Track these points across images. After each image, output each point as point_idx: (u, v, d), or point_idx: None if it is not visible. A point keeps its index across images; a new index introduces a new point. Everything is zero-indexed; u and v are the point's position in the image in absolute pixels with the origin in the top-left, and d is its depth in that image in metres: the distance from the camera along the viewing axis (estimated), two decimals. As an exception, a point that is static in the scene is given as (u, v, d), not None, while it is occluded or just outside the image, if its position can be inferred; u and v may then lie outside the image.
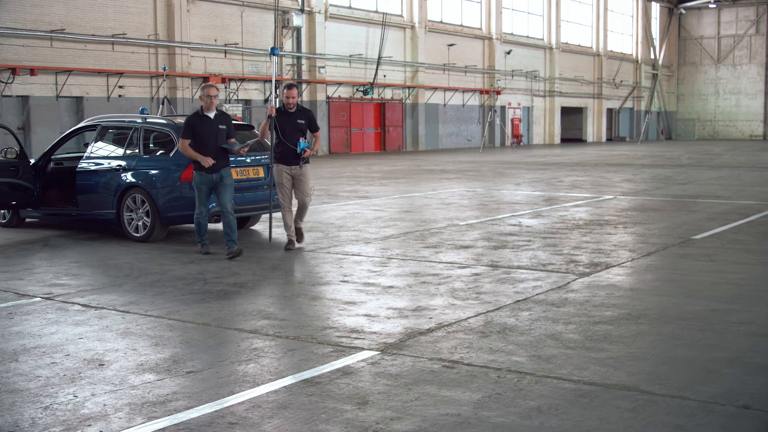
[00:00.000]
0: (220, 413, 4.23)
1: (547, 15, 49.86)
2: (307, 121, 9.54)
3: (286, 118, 9.42)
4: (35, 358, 5.24)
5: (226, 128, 9.15)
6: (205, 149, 8.94)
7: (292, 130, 9.38)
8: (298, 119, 9.45)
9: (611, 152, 36.90)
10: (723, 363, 4.99)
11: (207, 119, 9.03)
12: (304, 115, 9.57)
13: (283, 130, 9.37)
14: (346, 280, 7.70)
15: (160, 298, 6.96)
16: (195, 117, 9.09)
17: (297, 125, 9.43)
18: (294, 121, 9.43)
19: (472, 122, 44.25)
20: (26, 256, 9.33)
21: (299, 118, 9.47)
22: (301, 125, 9.47)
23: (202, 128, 8.98)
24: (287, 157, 9.42)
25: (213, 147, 8.97)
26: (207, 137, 8.96)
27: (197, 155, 8.93)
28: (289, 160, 9.44)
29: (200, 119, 9.04)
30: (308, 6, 33.42)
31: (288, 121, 9.40)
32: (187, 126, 9.04)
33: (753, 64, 62.06)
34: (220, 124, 9.09)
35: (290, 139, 9.34)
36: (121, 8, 26.73)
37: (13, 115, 24.08)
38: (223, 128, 9.11)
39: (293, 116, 9.45)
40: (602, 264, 8.38)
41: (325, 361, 5.09)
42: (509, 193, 16.78)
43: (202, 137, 8.97)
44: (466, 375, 4.80)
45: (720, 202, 14.54)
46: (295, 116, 9.45)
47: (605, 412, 4.18)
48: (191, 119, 9.10)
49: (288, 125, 9.38)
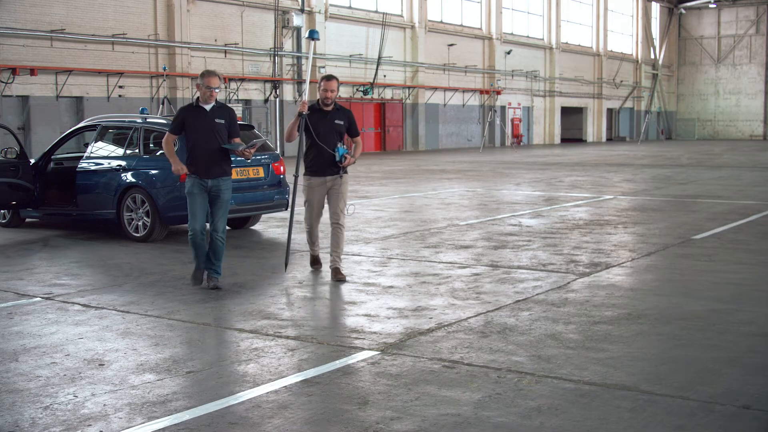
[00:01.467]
0: (220, 413, 4.23)
1: (547, 15, 49.86)
2: (346, 123, 7.84)
3: (321, 117, 7.73)
4: (35, 358, 5.24)
5: (225, 124, 7.38)
6: (197, 149, 7.28)
7: (329, 132, 7.70)
8: (336, 119, 7.76)
9: (611, 152, 36.89)
10: (723, 363, 4.99)
11: (201, 111, 7.30)
12: (343, 114, 7.85)
13: (317, 132, 7.65)
14: (347, 280, 7.69)
15: (160, 298, 6.96)
16: (187, 109, 7.44)
17: (334, 126, 7.74)
18: (331, 121, 7.73)
19: (472, 122, 44.24)
20: (26, 256, 9.33)
21: (337, 118, 7.77)
22: (339, 127, 7.78)
23: (195, 121, 7.27)
24: (323, 164, 7.72)
25: (208, 147, 7.27)
26: (200, 133, 7.25)
27: (171, 156, 7.37)
28: (324, 169, 7.74)
29: (193, 111, 7.33)
30: (308, 6, 33.43)
31: (324, 120, 7.72)
32: (176, 118, 7.43)
33: (753, 64, 62.05)
34: (217, 118, 7.32)
35: (327, 143, 7.65)
36: (121, 8, 26.73)
37: (13, 115, 24.08)
38: (222, 123, 7.34)
39: (330, 115, 7.74)
40: (602, 264, 8.38)
41: (325, 361, 5.09)
42: (509, 193, 16.78)
43: (195, 133, 7.27)
44: (466, 375, 4.80)
45: (720, 202, 14.53)
46: (332, 115, 7.76)
47: (605, 412, 4.18)
48: (182, 111, 7.44)
49: (323, 126, 7.69)
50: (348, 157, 7.72)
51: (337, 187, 7.79)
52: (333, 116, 7.77)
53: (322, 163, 7.72)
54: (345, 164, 7.71)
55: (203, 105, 7.33)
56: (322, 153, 7.67)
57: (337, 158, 7.66)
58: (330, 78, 7.79)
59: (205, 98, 7.31)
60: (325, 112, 7.76)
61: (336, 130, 7.75)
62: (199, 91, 7.37)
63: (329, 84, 7.73)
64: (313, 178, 7.78)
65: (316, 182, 7.79)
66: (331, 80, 7.77)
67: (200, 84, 7.32)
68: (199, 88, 7.36)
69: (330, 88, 7.71)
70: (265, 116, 32.06)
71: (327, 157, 7.68)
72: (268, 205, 10.78)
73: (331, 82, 7.74)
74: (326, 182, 7.79)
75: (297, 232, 10.97)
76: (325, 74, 7.97)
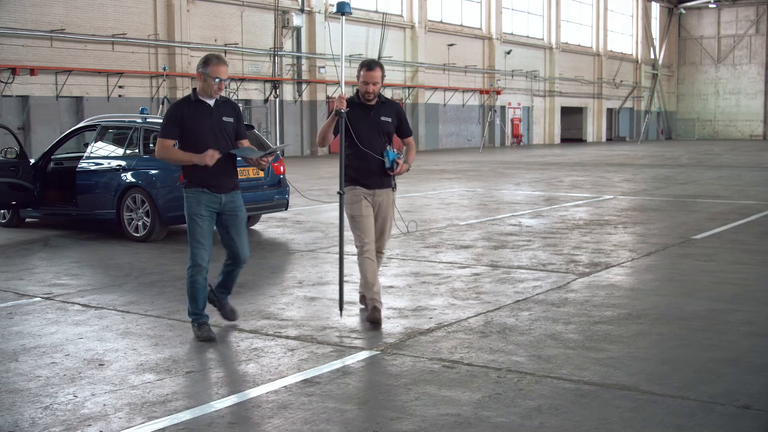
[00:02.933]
0: (220, 413, 4.23)
1: (547, 15, 49.86)
2: (395, 119, 6.20)
3: (364, 115, 6.07)
4: (35, 358, 5.23)
5: (233, 123, 5.79)
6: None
7: (373, 133, 6.06)
8: (381, 115, 6.11)
9: (611, 152, 36.89)
10: (723, 363, 4.99)
11: (204, 107, 5.65)
12: (390, 109, 6.19)
13: (358, 133, 6.00)
14: (347, 280, 7.67)
15: (160, 298, 6.96)
16: (183, 104, 5.68)
17: (380, 125, 6.10)
18: (376, 118, 6.09)
19: (472, 122, 44.24)
20: (26, 256, 9.33)
21: (384, 114, 6.12)
22: (387, 125, 6.13)
23: (196, 121, 5.61)
24: (369, 173, 6.08)
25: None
26: (203, 136, 5.61)
27: (189, 155, 5.60)
28: (372, 179, 6.09)
29: (193, 107, 5.65)
30: (308, 6, 33.44)
31: (366, 118, 6.06)
32: (170, 119, 5.62)
33: (753, 64, 62.05)
34: (224, 116, 5.72)
35: (371, 146, 6.02)
36: (121, 8, 26.73)
37: (13, 115, 24.08)
38: (230, 122, 5.75)
39: (374, 111, 6.10)
40: (602, 264, 8.38)
41: (325, 361, 5.09)
42: (509, 193, 16.78)
43: (197, 136, 5.61)
44: (466, 375, 4.80)
45: (720, 202, 14.53)
46: (377, 111, 6.10)
47: (605, 412, 4.18)
48: (178, 108, 5.66)
49: (366, 125, 6.04)
50: (400, 163, 6.08)
51: (384, 204, 6.18)
52: (378, 112, 6.11)
53: (368, 171, 6.06)
54: (396, 172, 6.08)
55: (205, 99, 5.67)
56: (367, 159, 6.02)
57: (387, 165, 6.04)
58: (372, 66, 5.99)
59: (210, 92, 5.62)
60: (367, 107, 6.10)
61: (382, 130, 6.10)
62: (201, 82, 5.61)
63: (370, 75, 5.96)
64: (358, 188, 6.10)
65: (363, 192, 6.10)
66: (374, 69, 5.98)
67: (203, 73, 5.58)
68: (201, 78, 5.60)
69: (372, 80, 5.96)
70: (265, 116, 32.07)
71: (374, 165, 6.04)
72: (268, 205, 10.78)
73: (374, 72, 5.96)
74: (375, 195, 6.13)
75: (299, 232, 10.97)
76: (366, 60, 6.12)
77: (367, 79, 5.96)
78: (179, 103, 5.72)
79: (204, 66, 5.59)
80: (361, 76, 6.00)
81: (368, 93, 6.01)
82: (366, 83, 5.98)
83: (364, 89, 6.01)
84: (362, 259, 6.07)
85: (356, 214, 6.07)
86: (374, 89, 6.01)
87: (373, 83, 5.98)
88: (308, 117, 33.93)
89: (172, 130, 5.62)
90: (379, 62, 6.08)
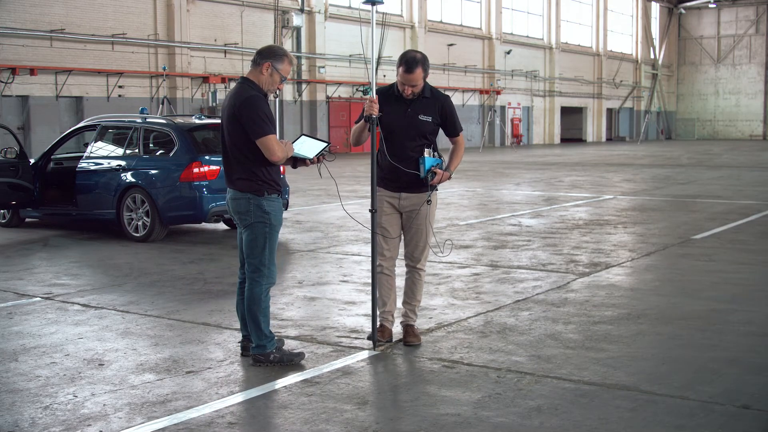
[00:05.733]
0: (220, 413, 4.23)
1: (547, 15, 49.86)
2: (436, 118, 5.37)
3: (399, 112, 5.29)
4: (35, 357, 5.23)
5: None
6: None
7: (408, 135, 5.28)
8: (420, 114, 5.30)
9: (611, 152, 36.89)
10: (723, 363, 4.99)
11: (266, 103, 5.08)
12: (432, 106, 5.36)
13: (390, 135, 5.27)
14: (346, 280, 7.69)
15: (160, 298, 6.96)
16: (266, 101, 5.03)
17: (417, 125, 5.29)
18: (413, 117, 5.29)
19: (472, 122, 44.22)
20: (26, 256, 9.32)
21: (423, 113, 5.31)
22: (424, 126, 5.31)
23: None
24: (397, 178, 5.33)
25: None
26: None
27: (285, 146, 5.07)
28: (400, 185, 5.35)
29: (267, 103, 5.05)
30: (308, 6, 33.43)
31: (402, 116, 5.29)
32: (267, 114, 4.94)
33: (753, 64, 62.04)
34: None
35: (403, 153, 5.27)
36: (121, 8, 26.73)
37: (13, 115, 24.08)
38: None
39: (412, 108, 5.30)
40: (602, 264, 8.38)
41: (325, 361, 5.09)
42: (509, 193, 16.78)
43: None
44: (466, 375, 4.80)
45: (720, 202, 14.54)
46: (415, 108, 5.30)
47: (605, 412, 4.18)
48: (267, 104, 5.01)
49: (400, 125, 5.28)
50: (438, 172, 5.24)
51: (414, 214, 5.36)
52: (416, 109, 5.30)
53: (396, 175, 5.32)
54: (433, 183, 5.27)
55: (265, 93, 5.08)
56: (396, 170, 5.28)
57: (422, 175, 5.23)
58: (411, 67, 5.15)
59: (272, 88, 5.08)
60: (404, 101, 5.30)
61: (419, 131, 5.29)
62: (267, 75, 5.02)
63: (409, 78, 5.18)
64: (384, 191, 5.37)
65: (386, 197, 5.37)
66: (414, 71, 5.15)
67: (276, 68, 5.01)
68: (269, 71, 5.01)
69: (410, 82, 5.19)
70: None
71: (404, 177, 5.30)
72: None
73: (413, 75, 5.16)
74: (402, 201, 5.36)
75: (298, 232, 10.97)
76: (405, 56, 5.23)
77: (405, 80, 5.19)
78: (263, 99, 5.02)
79: (278, 61, 5.01)
80: (400, 76, 5.21)
81: (407, 90, 5.26)
82: (403, 84, 5.23)
83: (402, 90, 5.27)
84: (376, 273, 5.40)
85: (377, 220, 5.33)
86: (414, 91, 5.25)
87: (411, 86, 5.21)
88: (308, 117, 33.94)
89: (269, 123, 4.96)
90: (419, 60, 5.19)
